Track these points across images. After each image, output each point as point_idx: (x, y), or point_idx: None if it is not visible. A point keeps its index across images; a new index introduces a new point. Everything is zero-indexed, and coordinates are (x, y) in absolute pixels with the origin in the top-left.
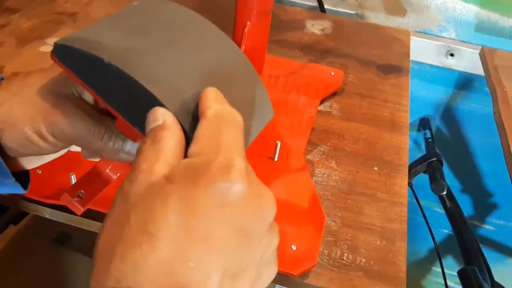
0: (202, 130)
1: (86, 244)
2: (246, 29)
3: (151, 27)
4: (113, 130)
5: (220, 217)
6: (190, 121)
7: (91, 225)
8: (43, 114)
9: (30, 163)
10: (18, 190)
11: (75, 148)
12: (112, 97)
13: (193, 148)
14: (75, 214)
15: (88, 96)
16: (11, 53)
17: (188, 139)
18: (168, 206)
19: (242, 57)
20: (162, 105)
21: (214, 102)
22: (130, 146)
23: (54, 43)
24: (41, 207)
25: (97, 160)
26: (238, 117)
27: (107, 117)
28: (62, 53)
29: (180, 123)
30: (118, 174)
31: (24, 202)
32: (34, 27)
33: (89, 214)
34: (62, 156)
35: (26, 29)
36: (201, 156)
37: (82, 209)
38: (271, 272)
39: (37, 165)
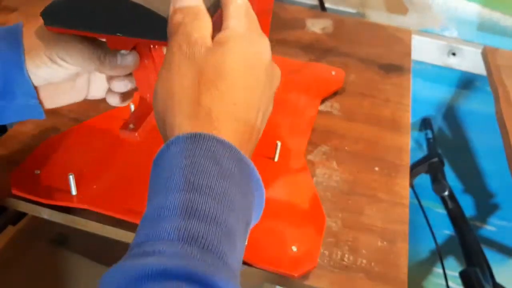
0: (235, 9)
1: (85, 245)
2: None
3: None
4: (106, 51)
5: (262, 72)
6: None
7: (90, 226)
8: (54, 43)
9: (50, 103)
10: (40, 114)
11: (92, 95)
12: (100, 25)
13: (231, 21)
14: (74, 215)
15: None
16: None
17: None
18: (233, 61)
19: None
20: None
21: None
22: (120, 60)
23: (41, 13)
24: (39, 208)
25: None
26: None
27: (99, 43)
28: (49, 17)
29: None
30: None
31: (23, 203)
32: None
33: (88, 215)
34: (61, 156)
35: None
36: (241, 27)
37: (138, 136)
38: (271, 108)
39: (56, 105)
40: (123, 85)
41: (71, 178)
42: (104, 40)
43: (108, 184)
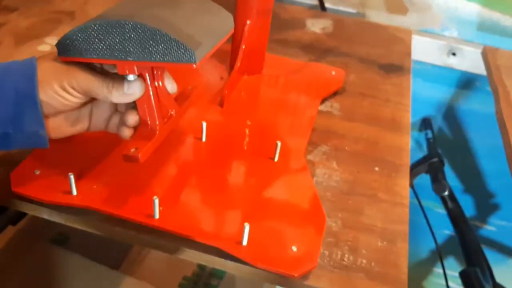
0: None
1: (85, 245)
2: (246, 28)
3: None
4: (113, 80)
5: None
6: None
7: (90, 226)
8: (65, 73)
9: (55, 133)
10: (44, 144)
11: (94, 128)
12: (109, 53)
13: None
14: (74, 215)
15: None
16: (9, 53)
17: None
18: None
19: None
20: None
21: None
22: (127, 89)
23: (56, 45)
24: (39, 208)
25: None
26: None
27: (107, 72)
28: (63, 48)
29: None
30: (157, 122)
31: (23, 203)
32: (32, 26)
33: (88, 215)
34: (61, 156)
35: (24, 28)
36: None
37: (141, 159)
38: None
39: (60, 136)
40: (137, 119)
41: (71, 178)
42: (112, 70)
43: (108, 184)
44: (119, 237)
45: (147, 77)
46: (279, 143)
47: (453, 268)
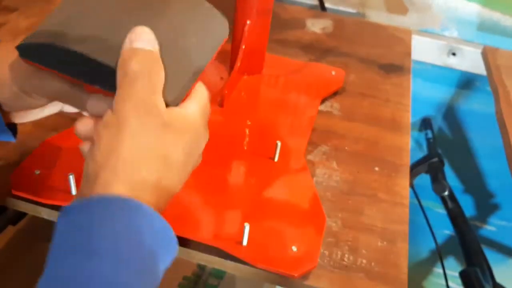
0: (201, 97)
1: None
2: (246, 28)
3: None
4: (81, 89)
5: (197, 156)
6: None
7: None
8: (26, 76)
9: (20, 118)
10: (9, 137)
11: (67, 109)
12: (71, 70)
13: (193, 107)
14: None
15: None
16: None
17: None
18: (179, 146)
19: None
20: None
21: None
22: (89, 106)
23: (16, 47)
24: (39, 208)
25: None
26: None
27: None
28: (24, 51)
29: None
30: None
31: (22, 203)
32: (32, 26)
33: None
34: (61, 156)
35: (24, 28)
36: (199, 116)
37: None
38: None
39: (27, 120)
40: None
41: (71, 178)
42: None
43: None
44: None
45: None
46: (279, 143)
47: (453, 268)
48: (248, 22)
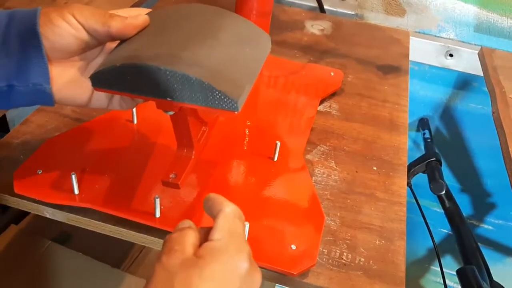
0: (221, 222)
1: (87, 243)
2: None
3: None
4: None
5: (237, 285)
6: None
7: (92, 225)
8: (69, 9)
9: (59, 93)
10: (49, 99)
11: (94, 103)
12: (149, 90)
13: (215, 234)
14: (77, 214)
15: None
16: None
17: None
18: (202, 276)
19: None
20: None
21: (227, 201)
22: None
23: (90, 77)
24: (42, 207)
25: None
26: (243, 216)
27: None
28: (98, 80)
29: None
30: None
31: (25, 202)
32: None
33: (90, 214)
34: (64, 156)
35: None
36: (221, 241)
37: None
38: None
39: (64, 101)
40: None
41: (74, 177)
42: None
43: (110, 183)
44: (120, 236)
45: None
46: (278, 143)
47: (451, 266)
48: None
